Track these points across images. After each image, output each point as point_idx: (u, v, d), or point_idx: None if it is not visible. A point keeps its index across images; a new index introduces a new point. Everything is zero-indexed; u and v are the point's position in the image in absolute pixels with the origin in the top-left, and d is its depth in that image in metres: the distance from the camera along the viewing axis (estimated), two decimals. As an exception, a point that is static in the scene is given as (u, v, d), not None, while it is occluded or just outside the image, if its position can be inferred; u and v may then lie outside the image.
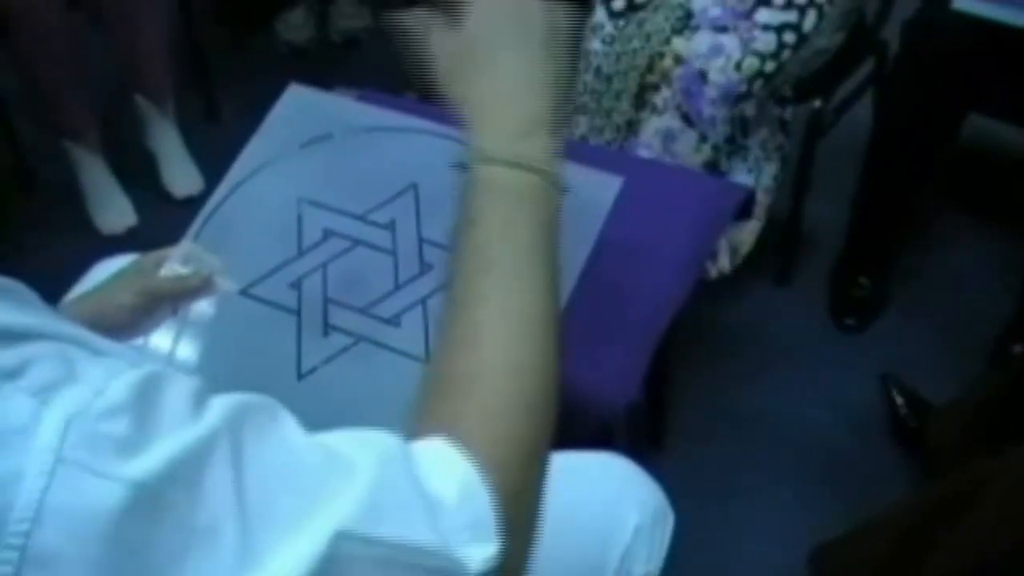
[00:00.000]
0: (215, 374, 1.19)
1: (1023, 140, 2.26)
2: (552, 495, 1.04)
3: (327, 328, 1.21)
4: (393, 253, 1.25)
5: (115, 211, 2.38)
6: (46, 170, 2.47)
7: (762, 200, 2.01)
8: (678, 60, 1.85)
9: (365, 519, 0.57)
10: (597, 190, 1.27)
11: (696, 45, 1.85)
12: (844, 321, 2.12)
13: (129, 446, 0.52)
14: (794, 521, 1.76)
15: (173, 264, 1.13)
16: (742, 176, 1.96)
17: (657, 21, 1.90)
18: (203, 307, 1.16)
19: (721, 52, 1.83)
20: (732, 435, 1.92)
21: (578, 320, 1.29)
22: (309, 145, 1.35)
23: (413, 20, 0.74)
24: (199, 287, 1.12)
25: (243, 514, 0.54)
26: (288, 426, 0.63)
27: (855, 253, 2.15)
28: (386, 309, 1.22)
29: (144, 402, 0.54)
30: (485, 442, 0.64)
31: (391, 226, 1.27)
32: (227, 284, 1.15)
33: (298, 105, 1.39)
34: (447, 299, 0.70)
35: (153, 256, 1.14)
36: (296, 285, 1.24)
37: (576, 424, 1.35)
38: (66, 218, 2.38)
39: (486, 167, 0.70)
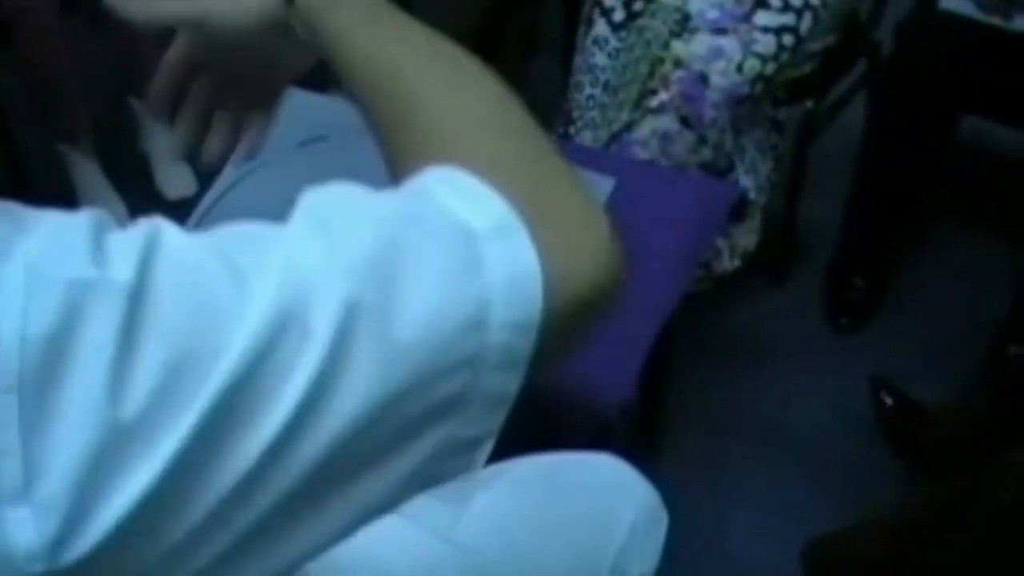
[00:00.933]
0: None
1: (1017, 141, 2.26)
2: (547, 495, 1.04)
3: None
4: None
5: (109, 213, 2.38)
6: (41, 172, 2.46)
7: (756, 200, 2.01)
8: (677, 63, 1.85)
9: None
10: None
11: (695, 48, 1.85)
12: (839, 321, 2.12)
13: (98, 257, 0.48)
14: (789, 520, 1.76)
15: None
16: (742, 177, 1.96)
17: (655, 26, 1.90)
18: None
19: (721, 55, 1.83)
20: (727, 435, 1.92)
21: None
22: (304, 146, 1.35)
23: None
24: None
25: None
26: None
27: (850, 253, 2.15)
28: None
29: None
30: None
31: None
32: None
33: (293, 107, 1.39)
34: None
35: None
36: None
37: (571, 424, 1.36)
38: (61, 220, 2.37)
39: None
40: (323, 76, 0.85)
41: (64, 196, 2.38)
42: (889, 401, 1.88)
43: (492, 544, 0.94)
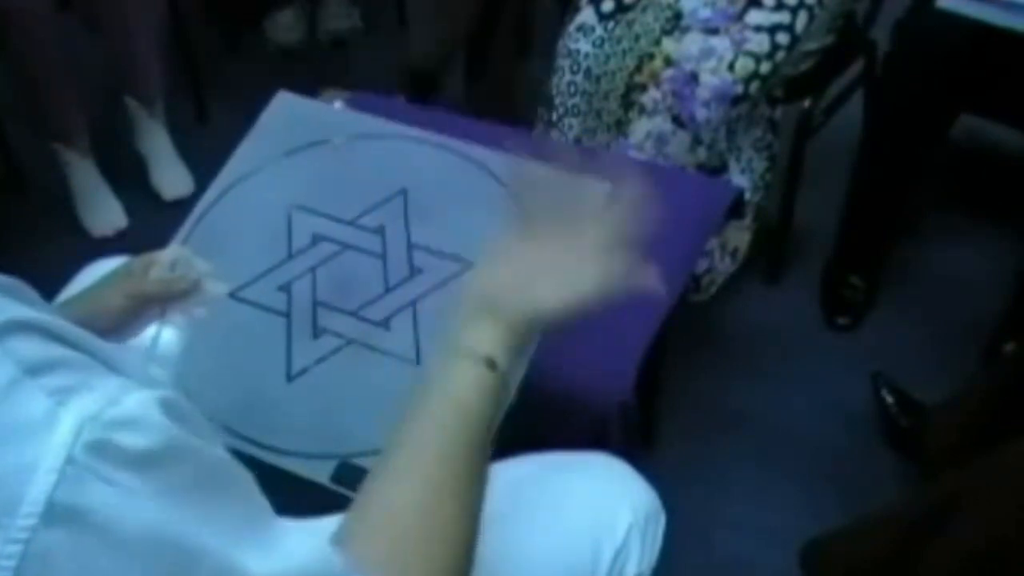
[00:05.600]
0: (204, 376, 1.19)
1: (1014, 140, 2.27)
2: (545, 495, 1.04)
3: (317, 330, 1.21)
4: (383, 257, 1.26)
5: (105, 213, 2.37)
6: (36, 173, 2.46)
7: (751, 200, 2.01)
8: (668, 62, 1.85)
9: None
10: (583, 196, 1.27)
11: (686, 47, 1.85)
12: (836, 320, 2.12)
13: (138, 463, 0.55)
14: (787, 520, 1.76)
15: (163, 269, 1.13)
16: (736, 176, 1.96)
17: (646, 21, 1.90)
18: (191, 310, 1.16)
19: (712, 54, 1.83)
20: (724, 434, 1.92)
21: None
22: (298, 151, 1.35)
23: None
24: (187, 290, 1.12)
25: None
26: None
27: (846, 252, 2.15)
28: (376, 312, 1.22)
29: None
30: None
31: (380, 231, 1.28)
32: (216, 287, 1.15)
33: (287, 112, 1.39)
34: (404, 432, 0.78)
35: (142, 259, 1.14)
36: (286, 288, 1.25)
37: (569, 424, 1.36)
38: (56, 221, 2.37)
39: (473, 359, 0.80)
40: (312, 77, 0.86)
41: (60, 196, 2.38)
42: (890, 399, 1.88)
43: (489, 544, 0.94)
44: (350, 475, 1.11)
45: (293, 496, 0.88)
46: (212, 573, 0.59)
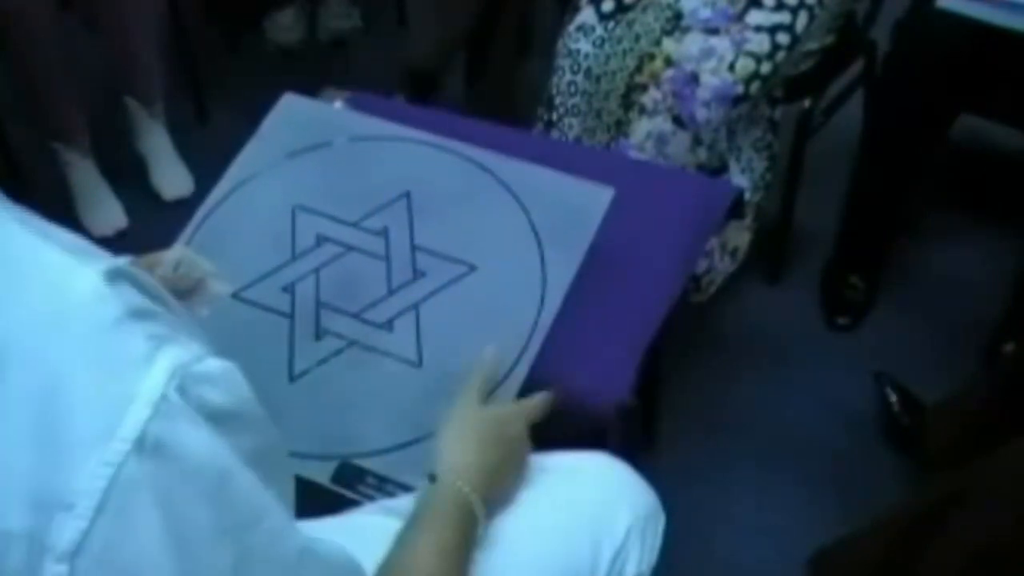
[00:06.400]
0: None
1: (1014, 140, 2.26)
2: (545, 496, 1.04)
3: (319, 332, 1.22)
4: (386, 259, 1.26)
5: (105, 213, 2.37)
6: (36, 173, 2.46)
7: (751, 200, 2.01)
8: (668, 62, 1.85)
9: None
10: (588, 201, 1.28)
11: (686, 47, 1.84)
12: (836, 320, 2.12)
13: (219, 417, 0.59)
14: (787, 520, 1.76)
15: (166, 269, 1.13)
16: (736, 176, 1.96)
17: (647, 21, 1.90)
18: (194, 311, 1.16)
19: (713, 54, 1.83)
20: (724, 435, 1.92)
21: (570, 321, 1.29)
22: (303, 153, 1.36)
23: None
24: (191, 289, 1.12)
25: None
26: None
27: (847, 252, 2.15)
28: (379, 314, 1.22)
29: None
30: None
31: (384, 233, 1.28)
32: (219, 286, 1.15)
33: (292, 114, 1.40)
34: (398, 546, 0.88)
35: (145, 260, 1.14)
36: (289, 289, 1.25)
37: (568, 425, 1.35)
38: (56, 220, 2.35)
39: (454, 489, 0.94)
40: (312, 77, 0.87)
41: (60, 196, 2.38)
42: (893, 397, 1.88)
43: (488, 544, 0.94)
44: (351, 476, 1.11)
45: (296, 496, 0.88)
46: (270, 532, 0.63)
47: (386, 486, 1.11)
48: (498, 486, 0.98)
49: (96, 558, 0.55)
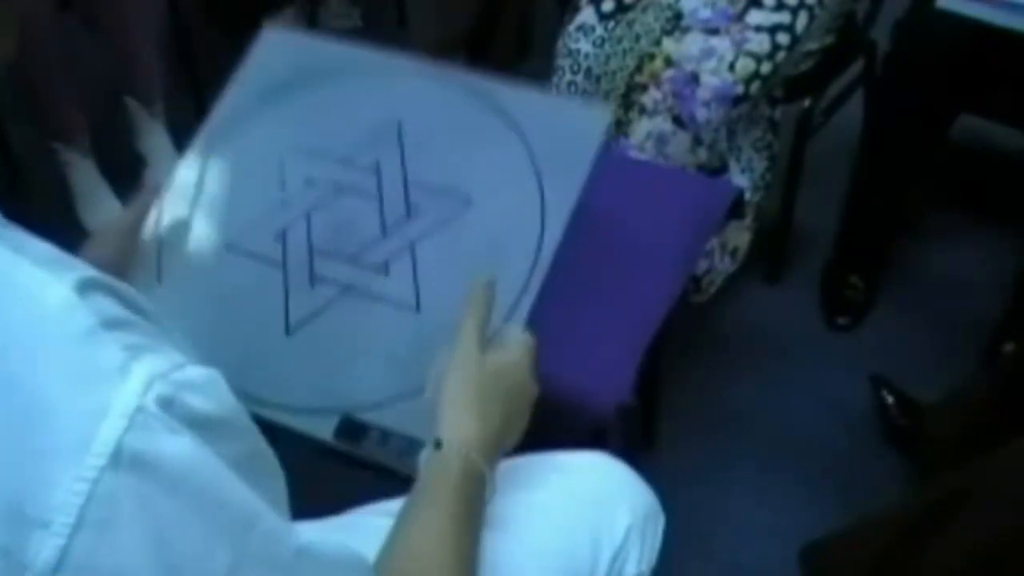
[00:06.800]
0: (201, 332, 1.17)
1: (1014, 140, 2.26)
2: (544, 495, 1.04)
3: (314, 279, 1.18)
4: (378, 197, 1.21)
5: (105, 213, 2.37)
6: (36, 173, 2.46)
7: (751, 200, 2.01)
8: (668, 62, 1.85)
9: None
10: (586, 124, 1.22)
11: (687, 47, 1.84)
12: (836, 320, 2.12)
13: (201, 424, 0.58)
14: (787, 520, 1.76)
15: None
16: (736, 176, 1.96)
17: (647, 21, 1.90)
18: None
19: (713, 54, 1.83)
20: (724, 435, 1.92)
21: (570, 321, 1.29)
22: (289, 89, 1.31)
23: None
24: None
25: None
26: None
27: (847, 252, 2.15)
28: (373, 256, 1.18)
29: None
30: None
31: (375, 168, 1.22)
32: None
33: (275, 48, 1.35)
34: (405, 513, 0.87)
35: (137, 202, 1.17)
36: (280, 237, 1.20)
37: (568, 424, 1.35)
38: (56, 219, 2.37)
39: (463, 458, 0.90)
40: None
41: (60, 196, 2.38)
42: (890, 399, 1.88)
43: (488, 545, 0.94)
44: (353, 431, 1.09)
45: (296, 498, 0.88)
46: (264, 538, 0.61)
47: (390, 440, 1.07)
48: (504, 442, 0.95)
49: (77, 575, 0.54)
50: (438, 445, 0.90)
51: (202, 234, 1.18)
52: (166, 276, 1.18)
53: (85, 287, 0.58)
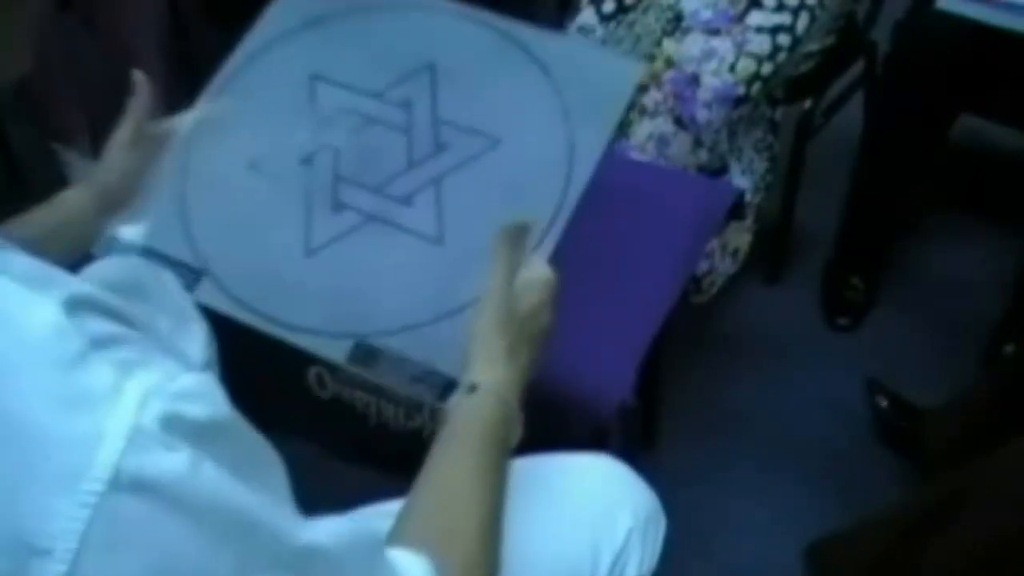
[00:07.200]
0: (221, 249, 1.17)
1: (1014, 140, 2.27)
2: (545, 496, 1.04)
3: (337, 205, 1.18)
4: (407, 132, 1.21)
5: (105, 213, 2.37)
6: (36, 173, 2.45)
7: (751, 200, 2.01)
8: (669, 63, 1.85)
9: None
10: (618, 76, 1.23)
11: (687, 48, 1.84)
12: (836, 321, 2.12)
13: (199, 432, 0.57)
14: (788, 521, 1.76)
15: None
16: (737, 177, 1.96)
17: (647, 22, 1.90)
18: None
19: (714, 55, 1.83)
20: (724, 435, 1.92)
21: (571, 321, 1.29)
22: (324, 21, 1.30)
23: None
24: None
25: None
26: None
27: (847, 253, 2.15)
28: (398, 188, 1.18)
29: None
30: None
31: (406, 105, 1.23)
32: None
33: None
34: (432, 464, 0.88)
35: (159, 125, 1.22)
36: (308, 161, 1.21)
37: (569, 425, 1.36)
38: (56, 221, 2.37)
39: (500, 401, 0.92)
40: None
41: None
42: (884, 404, 1.88)
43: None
44: (367, 355, 1.09)
45: (300, 496, 0.88)
46: (268, 540, 0.61)
47: (404, 366, 1.08)
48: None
49: None
50: (472, 388, 0.91)
51: (227, 153, 1.18)
52: (190, 194, 1.18)
53: (72, 306, 0.57)
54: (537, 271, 1.01)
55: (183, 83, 2.58)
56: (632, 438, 1.70)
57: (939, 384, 1.85)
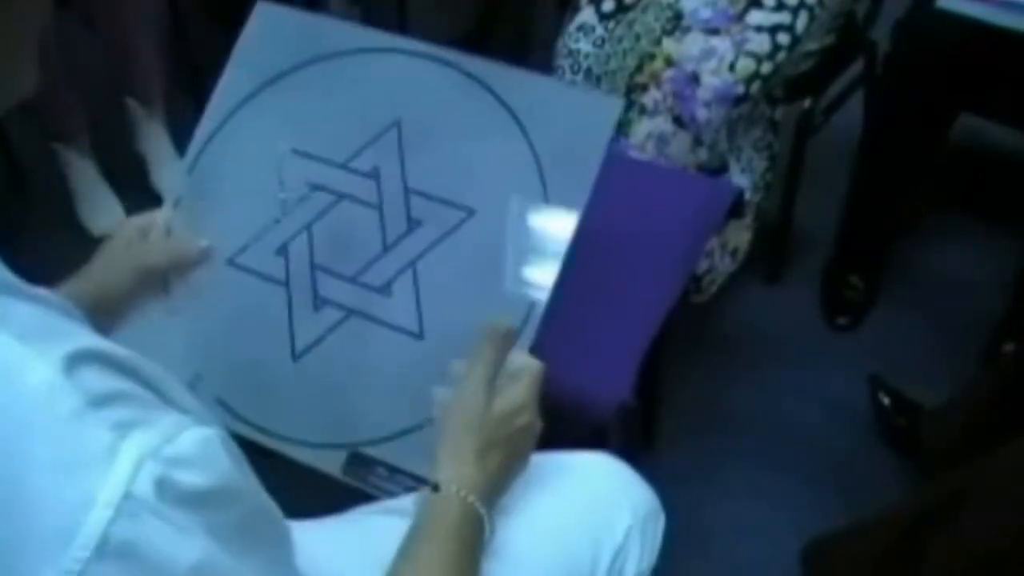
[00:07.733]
0: (209, 355, 1.17)
1: (1014, 140, 2.27)
2: (544, 496, 1.04)
3: (317, 301, 1.17)
4: (379, 208, 1.19)
5: (105, 212, 2.38)
6: (36, 173, 2.46)
7: (751, 199, 2.01)
8: (668, 62, 1.85)
9: None
10: (595, 116, 1.18)
11: (687, 48, 1.85)
12: (836, 320, 2.12)
13: (192, 500, 0.56)
14: (787, 520, 1.76)
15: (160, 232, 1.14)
16: (736, 176, 1.96)
17: (647, 21, 1.90)
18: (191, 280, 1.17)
19: (713, 54, 1.83)
20: (724, 434, 1.92)
21: (571, 321, 1.29)
22: (285, 76, 1.27)
23: None
24: (196, 256, 1.12)
25: None
26: None
27: (847, 252, 2.15)
28: (376, 276, 1.16)
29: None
30: None
31: (375, 175, 1.20)
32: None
33: (270, 28, 1.30)
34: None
35: (133, 226, 1.13)
36: (282, 251, 1.19)
37: (569, 424, 1.35)
38: (56, 219, 2.37)
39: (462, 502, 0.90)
40: None
41: (60, 196, 2.38)
42: (886, 401, 1.88)
43: (488, 544, 0.94)
44: (361, 466, 1.09)
45: (296, 496, 0.88)
46: None
47: (397, 477, 1.08)
48: (503, 484, 0.95)
49: None
50: (436, 488, 0.89)
51: (203, 250, 1.17)
52: (175, 297, 1.17)
53: (73, 362, 0.55)
54: (521, 364, 0.98)
55: (183, 83, 2.59)
56: (632, 438, 1.70)
57: (939, 384, 1.85)
